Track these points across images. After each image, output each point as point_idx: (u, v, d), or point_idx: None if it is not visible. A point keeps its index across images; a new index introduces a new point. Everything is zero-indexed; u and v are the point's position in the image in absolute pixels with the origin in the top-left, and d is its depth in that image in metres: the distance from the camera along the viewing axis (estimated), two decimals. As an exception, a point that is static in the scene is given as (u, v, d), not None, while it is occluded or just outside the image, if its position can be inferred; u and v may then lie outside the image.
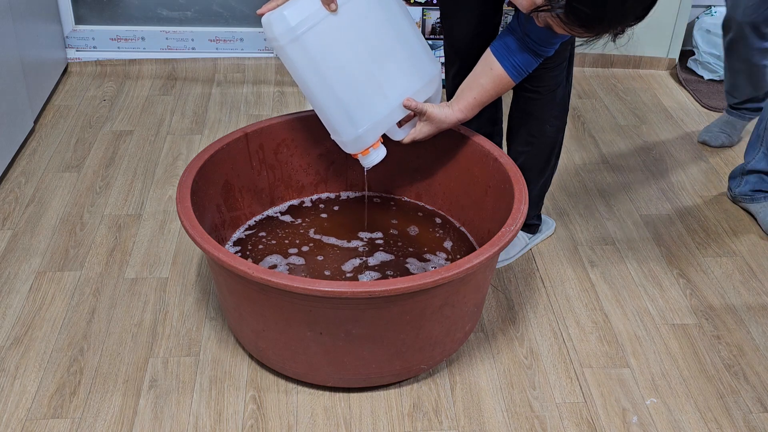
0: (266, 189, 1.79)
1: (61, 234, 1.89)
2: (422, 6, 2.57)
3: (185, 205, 1.46)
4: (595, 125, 2.44)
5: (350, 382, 1.48)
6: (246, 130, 1.71)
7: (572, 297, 1.75)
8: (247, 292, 1.40)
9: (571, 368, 1.57)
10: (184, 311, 1.68)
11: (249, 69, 2.70)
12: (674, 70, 2.80)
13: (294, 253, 1.70)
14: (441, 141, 1.75)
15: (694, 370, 1.58)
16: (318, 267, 1.66)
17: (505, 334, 1.65)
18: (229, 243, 1.71)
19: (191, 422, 1.43)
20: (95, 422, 1.43)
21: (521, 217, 1.44)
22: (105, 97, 2.52)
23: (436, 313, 1.40)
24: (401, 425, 1.44)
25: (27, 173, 2.11)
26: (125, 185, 2.08)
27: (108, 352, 1.57)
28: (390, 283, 1.29)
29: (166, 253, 1.84)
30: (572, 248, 1.90)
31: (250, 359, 1.56)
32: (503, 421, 1.46)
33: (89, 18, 2.71)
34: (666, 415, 1.48)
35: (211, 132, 2.34)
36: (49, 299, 1.70)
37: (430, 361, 1.50)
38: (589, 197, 2.09)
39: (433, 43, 2.61)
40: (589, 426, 1.45)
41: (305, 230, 1.76)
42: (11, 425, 1.42)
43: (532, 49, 1.47)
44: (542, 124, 1.71)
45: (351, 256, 1.69)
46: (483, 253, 1.36)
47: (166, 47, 2.72)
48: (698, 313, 1.72)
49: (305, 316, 1.36)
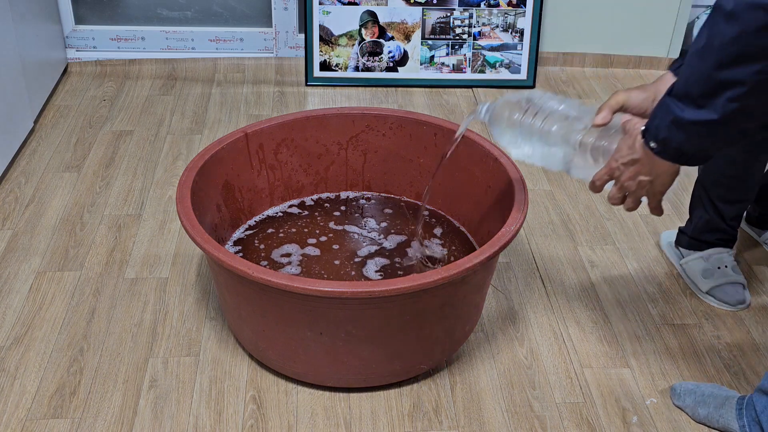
0: (266, 189, 1.80)
1: (61, 234, 1.89)
2: (422, 6, 2.57)
3: (185, 205, 1.46)
4: (595, 125, 2.44)
5: (350, 382, 1.48)
6: (246, 130, 1.71)
7: (572, 297, 1.75)
8: (247, 292, 1.40)
9: (571, 368, 1.57)
10: (184, 311, 1.68)
11: (249, 69, 2.70)
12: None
13: (312, 243, 1.73)
14: (441, 141, 1.75)
15: (694, 370, 1.58)
16: (331, 256, 1.66)
17: (505, 334, 1.65)
18: (229, 243, 1.72)
19: (191, 422, 1.43)
20: (95, 422, 1.43)
21: (521, 217, 1.44)
22: (105, 97, 2.52)
23: (436, 313, 1.40)
24: (401, 425, 1.44)
25: (27, 173, 2.11)
26: (125, 185, 2.08)
27: (108, 352, 1.57)
28: (390, 283, 1.29)
29: (166, 253, 1.84)
30: (572, 248, 1.90)
31: (250, 359, 1.56)
32: (503, 421, 1.46)
33: (89, 18, 2.71)
34: (666, 415, 1.48)
35: (211, 132, 2.34)
36: (49, 299, 1.70)
37: (430, 361, 1.50)
38: (589, 197, 2.09)
39: (433, 44, 2.61)
40: (589, 426, 1.45)
41: (323, 222, 1.77)
42: (11, 425, 1.42)
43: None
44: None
45: (366, 243, 1.71)
46: (483, 253, 1.36)
47: (166, 47, 2.72)
48: (698, 313, 1.72)
49: (305, 316, 1.36)
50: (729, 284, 1.73)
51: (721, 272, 1.74)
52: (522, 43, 2.63)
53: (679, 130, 1.05)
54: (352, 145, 1.83)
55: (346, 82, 2.64)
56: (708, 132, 1.04)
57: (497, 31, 2.62)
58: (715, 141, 1.06)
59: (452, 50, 2.62)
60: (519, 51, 2.63)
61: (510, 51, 2.64)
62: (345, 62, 2.62)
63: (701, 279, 1.75)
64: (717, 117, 1.00)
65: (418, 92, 2.61)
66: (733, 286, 1.73)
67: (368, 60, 2.62)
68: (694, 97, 1.02)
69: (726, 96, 0.98)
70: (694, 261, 1.78)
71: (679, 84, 1.05)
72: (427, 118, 1.78)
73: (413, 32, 2.60)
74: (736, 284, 1.74)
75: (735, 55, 0.96)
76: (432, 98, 2.58)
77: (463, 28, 2.60)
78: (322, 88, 2.63)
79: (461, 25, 2.60)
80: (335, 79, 2.63)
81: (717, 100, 0.99)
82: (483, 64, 2.64)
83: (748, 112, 1.00)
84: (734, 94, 0.98)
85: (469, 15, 2.59)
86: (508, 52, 2.64)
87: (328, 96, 2.58)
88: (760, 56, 0.95)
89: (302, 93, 2.59)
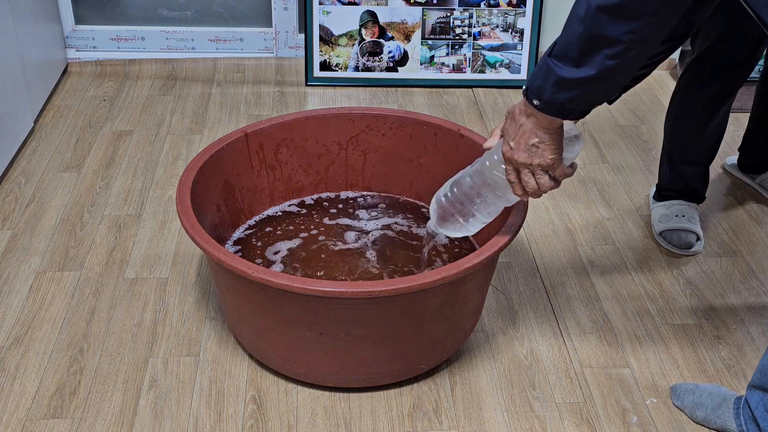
0: (266, 189, 1.80)
1: (61, 234, 1.89)
2: (422, 6, 2.57)
3: (185, 205, 1.46)
4: (595, 125, 2.44)
5: (350, 382, 1.48)
6: (246, 130, 1.71)
7: (572, 297, 1.75)
8: (247, 292, 1.40)
9: (571, 368, 1.57)
10: (184, 311, 1.68)
11: (249, 69, 2.70)
12: (674, 70, 2.80)
13: (304, 237, 1.74)
14: (441, 141, 1.75)
15: (694, 370, 1.58)
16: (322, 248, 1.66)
17: (505, 334, 1.65)
18: (229, 243, 1.72)
19: (191, 422, 1.43)
20: (95, 422, 1.43)
21: (521, 218, 1.44)
22: (105, 97, 2.52)
23: (436, 313, 1.41)
24: (401, 425, 1.44)
25: (27, 173, 2.11)
26: (125, 185, 2.08)
27: (108, 352, 1.57)
28: (390, 283, 1.29)
29: (166, 253, 1.84)
30: (572, 248, 1.90)
31: (250, 359, 1.56)
32: (503, 421, 1.46)
33: (89, 18, 2.71)
34: (666, 415, 1.48)
35: (211, 132, 2.34)
36: (49, 299, 1.70)
37: (430, 361, 1.50)
38: (589, 197, 2.09)
39: (434, 44, 2.61)
40: (589, 426, 1.45)
41: (319, 219, 1.77)
42: (11, 425, 1.42)
43: None
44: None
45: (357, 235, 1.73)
46: (483, 253, 1.36)
47: (166, 47, 2.72)
48: (698, 313, 1.72)
49: (305, 316, 1.36)
50: (681, 230, 1.90)
51: (677, 219, 1.92)
52: (522, 43, 2.63)
53: (561, 88, 1.13)
54: (352, 145, 1.83)
55: (346, 82, 2.64)
56: (588, 88, 1.13)
57: (497, 31, 2.62)
58: (594, 95, 1.16)
59: (452, 50, 2.62)
60: (519, 51, 2.63)
61: (510, 51, 2.64)
62: (345, 62, 2.62)
63: (657, 222, 1.94)
64: (594, 73, 1.10)
65: (418, 92, 2.61)
66: (684, 233, 1.89)
67: (368, 60, 2.62)
68: (573, 57, 1.10)
69: (603, 54, 1.08)
70: (657, 208, 1.97)
71: (559, 46, 1.13)
72: (427, 118, 1.78)
73: (413, 32, 2.60)
74: (688, 232, 1.90)
75: (610, 18, 1.05)
76: (432, 98, 2.58)
77: (463, 28, 2.60)
78: (322, 88, 2.63)
79: (461, 25, 2.60)
80: (335, 79, 2.63)
81: (595, 58, 1.09)
82: (483, 64, 2.64)
83: (622, 67, 1.11)
84: (611, 53, 1.07)
85: (469, 15, 2.59)
86: (508, 52, 2.64)
87: (328, 96, 2.58)
88: (632, 17, 1.05)
89: (302, 93, 2.59)
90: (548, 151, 1.22)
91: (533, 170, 1.25)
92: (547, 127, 1.20)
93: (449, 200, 1.39)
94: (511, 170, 1.28)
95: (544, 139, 1.21)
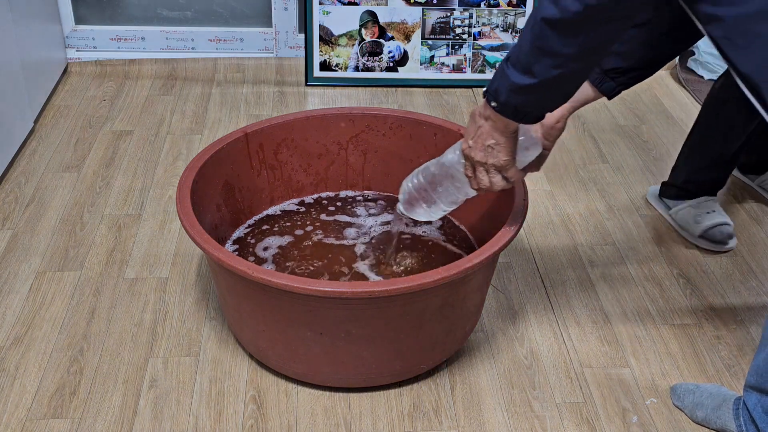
0: (266, 189, 1.80)
1: (61, 234, 1.89)
2: (422, 6, 2.57)
3: (185, 205, 1.46)
4: (595, 125, 2.44)
5: (350, 382, 1.48)
6: (246, 130, 1.71)
7: (572, 297, 1.75)
8: (247, 292, 1.40)
9: (571, 368, 1.57)
10: (184, 311, 1.68)
11: (249, 69, 2.70)
12: (674, 70, 2.80)
13: (299, 234, 1.74)
14: (441, 141, 1.75)
15: (694, 370, 1.58)
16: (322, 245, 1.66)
17: (505, 334, 1.65)
18: (229, 243, 1.72)
19: (191, 422, 1.43)
20: (95, 422, 1.43)
21: (521, 217, 1.44)
22: (105, 97, 2.52)
23: (436, 313, 1.41)
24: (401, 425, 1.44)
25: (27, 173, 2.11)
26: (125, 185, 2.08)
27: (108, 352, 1.57)
28: (390, 283, 1.30)
29: (166, 253, 1.84)
30: (572, 248, 1.90)
31: (250, 359, 1.56)
32: (503, 421, 1.46)
33: (89, 18, 2.71)
34: (666, 415, 1.48)
35: (211, 132, 2.34)
36: (49, 299, 1.70)
37: (430, 361, 1.50)
38: (589, 197, 2.09)
39: (433, 44, 2.61)
40: (589, 426, 1.45)
41: (316, 215, 1.77)
42: (11, 425, 1.42)
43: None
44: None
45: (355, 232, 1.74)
46: (483, 253, 1.36)
47: (166, 47, 2.72)
48: (698, 313, 1.72)
49: (305, 316, 1.36)
50: (722, 225, 1.89)
51: (711, 215, 1.91)
52: (522, 43, 2.62)
53: (514, 93, 1.18)
54: (352, 145, 1.83)
55: (346, 82, 2.64)
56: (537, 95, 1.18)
57: (497, 31, 2.62)
58: (543, 102, 1.21)
59: (452, 50, 2.62)
60: (519, 51, 2.63)
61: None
62: (345, 62, 2.62)
63: (693, 224, 1.91)
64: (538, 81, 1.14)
65: (418, 92, 2.61)
66: (724, 226, 1.90)
67: (368, 60, 2.62)
68: (522, 64, 1.15)
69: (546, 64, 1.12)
70: (686, 209, 1.94)
71: (513, 52, 1.18)
72: (427, 118, 1.78)
73: (413, 32, 2.60)
74: (726, 225, 1.90)
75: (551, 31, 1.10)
76: (432, 98, 2.58)
77: (463, 28, 2.60)
78: (322, 88, 2.63)
79: (461, 25, 2.60)
80: (335, 79, 2.63)
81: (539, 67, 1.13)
82: (483, 64, 2.64)
83: (567, 77, 1.16)
84: (554, 63, 1.12)
85: (469, 15, 2.59)
86: (508, 52, 2.63)
87: (328, 96, 2.58)
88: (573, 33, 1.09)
89: (302, 93, 2.59)
90: (502, 153, 1.28)
91: (487, 169, 1.31)
92: (503, 130, 1.25)
93: (415, 186, 1.46)
94: (468, 166, 1.34)
95: (500, 142, 1.27)
